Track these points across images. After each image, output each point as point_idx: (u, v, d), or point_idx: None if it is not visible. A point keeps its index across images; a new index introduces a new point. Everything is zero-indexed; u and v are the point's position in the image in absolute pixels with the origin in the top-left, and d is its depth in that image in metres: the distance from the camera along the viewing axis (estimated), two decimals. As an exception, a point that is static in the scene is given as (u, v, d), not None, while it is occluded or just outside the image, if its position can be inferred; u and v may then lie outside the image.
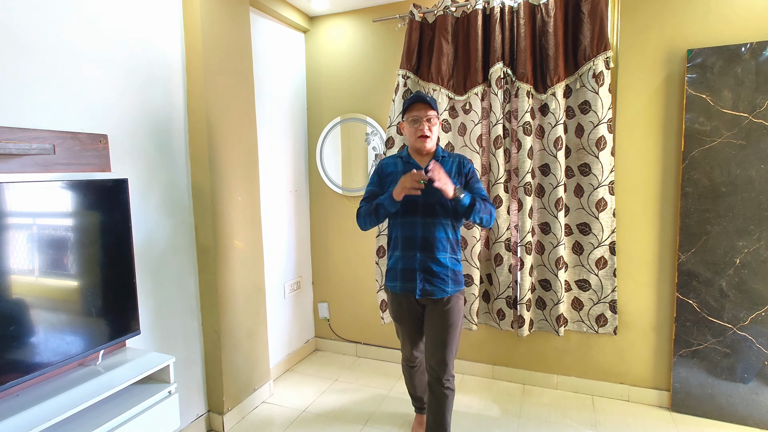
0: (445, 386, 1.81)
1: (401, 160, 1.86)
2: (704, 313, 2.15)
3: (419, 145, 1.78)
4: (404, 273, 1.80)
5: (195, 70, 2.06)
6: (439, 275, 1.77)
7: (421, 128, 1.75)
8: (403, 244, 1.79)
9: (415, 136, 1.77)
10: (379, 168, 1.89)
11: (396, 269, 1.82)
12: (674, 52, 2.17)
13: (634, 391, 2.38)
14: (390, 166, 1.86)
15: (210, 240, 2.12)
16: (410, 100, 1.77)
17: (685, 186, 2.15)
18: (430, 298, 1.79)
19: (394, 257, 1.84)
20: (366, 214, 1.79)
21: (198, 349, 2.17)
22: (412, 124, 1.77)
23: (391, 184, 1.81)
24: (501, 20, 2.33)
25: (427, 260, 1.76)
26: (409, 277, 1.79)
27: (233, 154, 2.24)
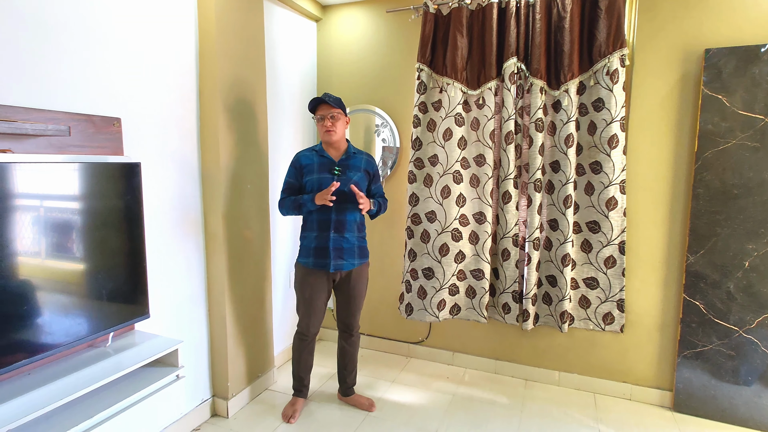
0: (355, 335, 2.28)
1: (316, 153, 2.11)
2: (710, 314, 2.15)
3: (327, 138, 2.08)
4: (317, 251, 2.07)
5: (208, 56, 2.05)
6: (351, 250, 2.10)
7: (326, 124, 2.05)
8: (318, 225, 2.07)
9: (322, 131, 2.07)
10: (295, 161, 2.12)
11: (310, 247, 2.09)
12: (691, 51, 2.15)
13: (636, 390, 2.38)
14: (306, 159, 2.10)
15: (218, 227, 2.12)
16: (314, 102, 2.05)
17: (697, 187, 2.14)
18: (341, 270, 2.10)
19: (309, 237, 2.10)
20: (290, 207, 2.08)
21: (204, 335, 2.18)
22: (319, 121, 2.07)
23: (308, 174, 2.07)
24: (516, 14, 2.31)
25: (336, 238, 2.06)
26: (322, 254, 2.06)
27: (243, 141, 2.24)
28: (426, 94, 2.47)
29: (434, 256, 2.51)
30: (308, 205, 2.01)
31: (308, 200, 2.01)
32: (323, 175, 2.06)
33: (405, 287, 2.64)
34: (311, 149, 2.14)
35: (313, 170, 2.07)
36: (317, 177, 2.06)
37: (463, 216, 2.47)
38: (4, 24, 1.35)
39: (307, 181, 2.07)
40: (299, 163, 2.11)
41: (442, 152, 2.46)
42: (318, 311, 2.16)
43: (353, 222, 2.10)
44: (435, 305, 2.55)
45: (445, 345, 2.81)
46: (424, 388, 2.50)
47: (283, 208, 2.11)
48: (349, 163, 2.11)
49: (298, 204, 2.04)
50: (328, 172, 2.07)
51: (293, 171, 2.12)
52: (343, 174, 2.06)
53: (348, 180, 2.06)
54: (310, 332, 2.19)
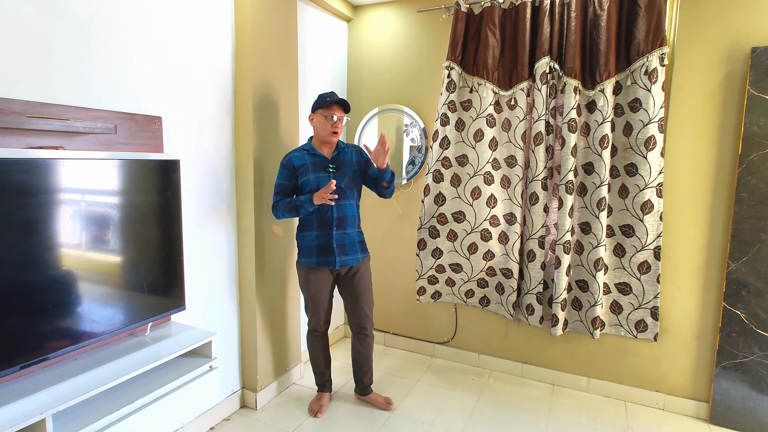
0: (369, 335, 2.26)
1: (307, 152, 2.09)
2: (752, 324, 2.06)
3: (329, 139, 2.06)
4: (320, 249, 2.07)
5: (243, 56, 2.11)
6: (352, 245, 2.11)
7: (336, 125, 2.04)
8: (318, 223, 2.06)
9: (327, 131, 2.05)
10: (287, 162, 2.07)
11: (311, 246, 2.08)
12: (736, 49, 2.06)
13: (670, 399, 2.31)
14: (298, 159, 2.07)
15: (250, 223, 2.18)
16: (332, 100, 2.01)
17: (740, 191, 2.05)
18: (346, 266, 2.11)
19: (309, 236, 2.08)
20: (285, 209, 2.02)
21: (235, 328, 2.24)
22: (328, 119, 2.03)
23: (303, 174, 2.04)
24: (550, 12, 2.27)
25: (338, 235, 2.06)
26: (325, 251, 2.06)
27: (274, 140, 2.29)
28: (455, 92, 2.46)
29: (462, 254, 2.54)
30: (307, 206, 1.97)
31: (306, 201, 1.97)
32: (319, 174, 2.05)
33: (427, 281, 2.67)
34: (301, 149, 2.11)
35: (308, 170, 2.05)
36: (314, 177, 2.04)
37: (494, 217, 2.45)
38: (60, 30, 1.43)
39: (304, 182, 2.04)
40: (291, 164, 2.07)
41: (473, 153, 2.44)
42: (326, 307, 2.19)
43: (353, 217, 2.11)
44: (463, 293, 2.59)
45: (471, 346, 2.79)
46: (449, 389, 2.50)
47: (277, 211, 2.05)
48: (341, 159, 2.11)
49: (295, 206, 2.00)
50: (324, 170, 2.06)
51: (286, 173, 2.07)
52: (338, 171, 2.07)
53: (343, 176, 2.07)
54: (321, 327, 2.22)
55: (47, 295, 1.31)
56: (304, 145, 2.13)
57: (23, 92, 1.34)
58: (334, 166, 2.08)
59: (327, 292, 2.16)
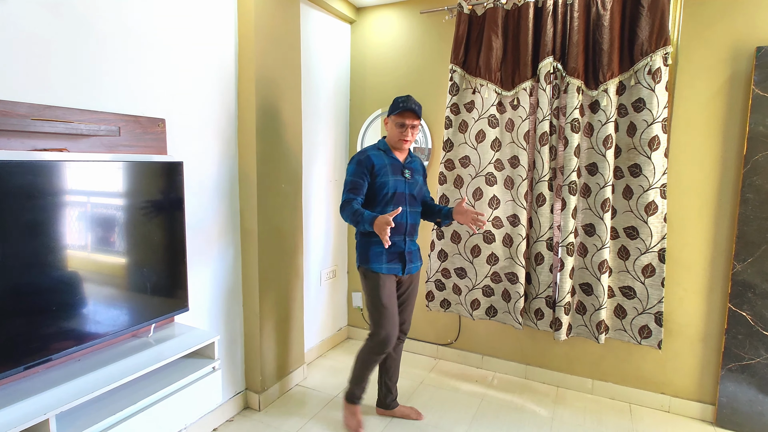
0: (403, 342, 2.23)
1: (384, 153, 2.02)
2: (759, 326, 2.04)
3: (400, 146, 2.02)
4: (391, 255, 2.01)
5: (246, 58, 2.12)
6: (416, 254, 2.09)
7: (406, 133, 1.98)
8: (391, 230, 1.94)
9: (397, 138, 1.99)
10: (365, 160, 1.96)
11: (382, 252, 2.00)
12: (741, 49, 2.05)
13: (675, 402, 2.29)
14: (377, 159, 1.99)
15: (253, 225, 2.18)
16: (403, 107, 1.94)
17: (746, 192, 2.03)
18: (410, 274, 2.08)
19: (380, 242, 1.97)
20: (350, 218, 1.90)
21: (239, 329, 2.25)
22: (398, 126, 1.97)
23: (382, 175, 1.96)
24: (553, 13, 2.27)
25: (408, 243, 2.03)
26: (394, 258, 2.01)
27: (279, 141, 2.29)
28: (458, 95, 2.46)
29: (466, 257, 2.52)
30: (366, 226, 1.83)
31: (368, 221, 1.81)
32: (397, 178, 1.98)
33: (435, 285, 2.65)
34: (376, 148, 2.02)
35: (387, 172, 1.97)
36: (392, 180, 1.97)
37: (496, 218, 2.44)
38: (64, 33, 1.44)
39: (381, 183, 1.95)
40: (370, 162, 1.96)
41: (474, 154, 2.44)
42: (396, 316, 2.03)
43: (418, 226, 2.08)
44: (469, 303, 2.56)
45: (475, 348, 2.78)
46: (453, 391, 2.49)
47: (344, 212, 1.93)
48: (412, 166, 2.07)
49: (356, 219, 1.87)
50: (401, 175, 2.00)
51: (362, 170, 1.95)
52: (411, 178, 2.04)
53: (416, 183, 2.05)
54: (394, 338, 2.02)
55: (51, 296, 1.32)
56: (378, 145, 2.05)
57: (28, 95, 1.35)
58: (408, 172, 2.03)
59: (395, 302, 2.04)
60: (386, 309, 1.98)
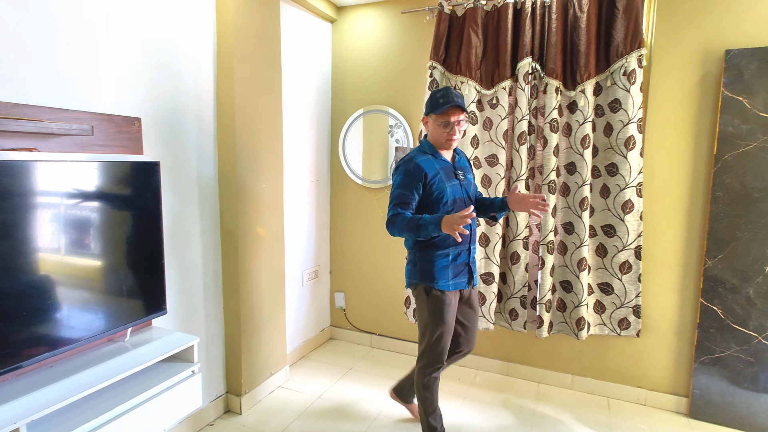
0: None
1: (432, 157, 1.77)
2: (729, 320, 2.11)
3: (447, 146, 1.78)
4: (456, 268, 1.77)
5: (225, 57, 2.08)
6: (475, 263, 1.87)
7: (452, 132, 1.74)
8: (455, 240, 1.73)
9: (444, 139, 1.75)
10: (414, 169, 1.70)
11: (447, 267, 1.75)
12: (711, 51, 2.11)
13: (651, 395, 2.35)
14: (428, 166, 1.73)
15: (234, 225, 2.15)
16: (447, 104, 1.69)
17: (716, 190, 2.10)
18: (475, 285, 1.89)
19: (447, 255, 1.75)
20: (404, 228, 1.65)
21: (219, 332, 2.21)
22: (444, 126, 1.73)
23: (437, 183, 1.71)
24: (532, 14, 2.30)
25: (473, 251, 1.83)
26: (461, 271, 1.79)
27: (259, 141, 2.27)
28: (439, 93, 2.46)
29: None
30: (430, 230, 1.60)
31: (433, 224, 1.59)
32: (452, 183, 1.75)
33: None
34: (422, 152, 1.78)
35: (442, 178, 1.73)
36: (449, 187, 1.73)
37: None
38: (34, 28, 1.39)
39: (439, 193, 1.72)
40: (422, 172, 1.69)
41: (455, 152, 2.45)
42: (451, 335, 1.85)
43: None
44: None
45: (457, 346, 2.80)
46: (436, 389, 2.50)
47: (394, 228, 1.69)
48: (461, 164, 1.85)
49: (416, 226, 1.62)
50: (455, 178, 1.77)
51: (411, 182, 1.69)
52: (464, 178, 1.81)
53: (470, 183, 1.84)
54: (444, 362, 1.85)
55: (22, 301, 1.28)
56: (422, 147, 1.80)
57: (-5, 93, 1.30)
58: (461, 173, 1.81)
59: (453, 320, 1.82)
60: (448, 329, 1.78)
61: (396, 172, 1.76)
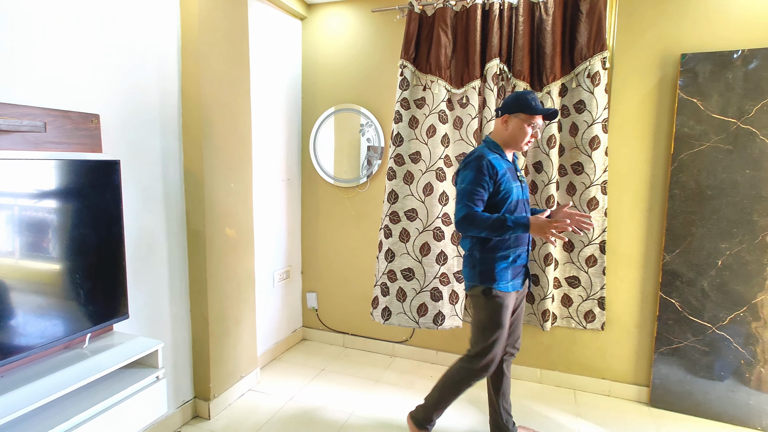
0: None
1: (499, 155, 1.77)
2: (686, 312, 2.22)
3: (521, 148, 1.80)
4: (516, 269, 1.80)
5: (191, 53, 2.02)
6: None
7: (535, 135, 1.78)
8: (516, 241, 1.76)
9: (525, 139, 1.77)
10: (487, 166, 1.69)
11: (507, 268, 1.77)
12: (668, 55, 2.21)
13: (615, 386, 2.44)
14: (498, 164, 1.73)
15: (201, 226, 2.10)
16: (539, 107, 1.73)
17: (673, 188, 2.19)
18: (527, 287, 1.92)
19: (509, 256, 1.76)
20: (486, 226, 1.63)
21: (186, 335, 2.15)
22: (531, 128, 1.75)
23: (505, 183, 1.72)
24: (500, 16, 2.34)
25: (530, 253, 1.86)
26: (520, 271, 1.82)
27: (227, 139, 2.21)
28: (409, 90, 2.47)
29: (414, 256, 2.49)
30: (518, 231, 1.61)
31: (521, 227, 1.60)
32: (516, 184, 1.77)
33: (380, 290, 2.56)
34: (488, 149, 1.77)
35: (509, 178, 1.74)
36: (515, 187, 1.74)
37: (446, 215, 2.47)
38: (-23, 16, 1.31)
39: (506, 192, 1.71)
40: (494, 169, 1.69)
41: (425, 149, 2.46)
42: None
43: None
44: (415, 309, 2.49)
45: (429, 344, 2.83)
46: (408, 388, 2.51)
47: (472, 225, 1.65)
48: (517, 166, 1.88)
49: (503, 225, 1.61)
50: (517, 180, 1.79)
51: (484, 178, 1.67)
52: (524, 181, 1.85)
53: (527, 186, 1.85)
54: (497, 364, 1.86)
55: (-33, 308, 1.20)
56: (489, 146, 1.79)
57: (-65, 86, 1.22)
58: (522, 174, 1.85)
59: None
60: (503, 331, 1.79)
61: (466, 168, 1.73)
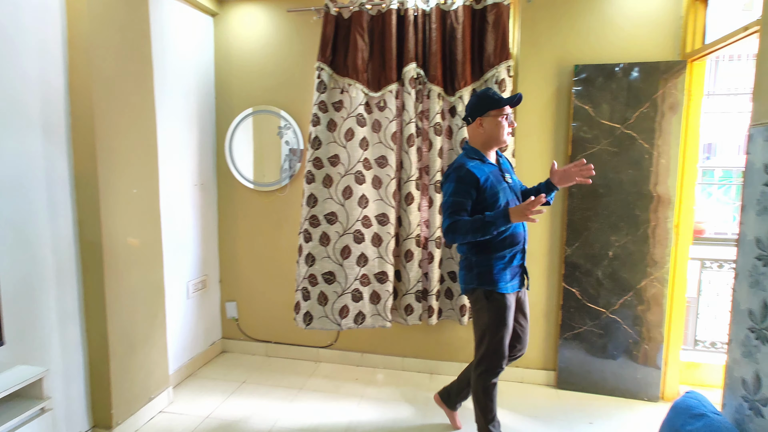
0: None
1: (480, 162, 1.78)
2: (584, 300, 2.44)
3: (503, 142, 1.80)
4: (513, 270, 1.82)
5: (79, 47, 1.83)
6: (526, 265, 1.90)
7: (510, 124, 1.81)
8: (511, 241, 1.78)
9: (500, 132, 1.77)
10: (466, 176, 1.71)
11: (506, 269, 1.79)
12: (564, 66, 2.41)
13: (527, 373, 2.61)
14: (480, 172, 1.74)
15: (97, 236, 1.90)
16: (506, 100, 1.75)
17: (572, 187, 2.40)
18: (525, 287, 1.90)
19: (504, 257, 1.78)
20: (470, 230, 1.67)
21: (80, 359, 1.94)
22: (504, 119, 1.77)
23: (490, 189, 1.73)
24: (414, 22, 2.40)
25: (526, 253, 1.87)
26: (517, 272, 1.84)
27: (127, 141, 2.03)
28: (326, 93, 2.45)
29: (335, 259, 2.47)
30: (499, 224, 1.63)
31: (500, 218, 1.62)
32: (502, 187, 1.77)
33: (302, 295, 2.52)
34: (469, 157, 1.78)
35: (493, 183, 1.74)
36: (501, 190, 1.75)
37: (365, 217, 2.48)
38: None
39: (494, 197, 1.73)
40: (474, 178, 1.70)
41: (344, 152, 2.45)
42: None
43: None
44: (337, 312, 2.48)
45: (354, 347, 2.82)
46: (333, 393, 2.49)
47: (456, 234, 1.69)
48: (505, 166, 1.87)
49: (483, 224, 1.65)
50: (504, 181, 1.80)
51: (465, 188, 1.70)
52: (511, 180, 1.83)
53: (516, 184, 1.85)
54: (503, 365, 1.84)
55: None
56: (469, 153, 1.80)
57: None
58: (508, 175, 1.84)
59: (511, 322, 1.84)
60: (508, 332, 1.81)
61: (447, 180, 1.77)
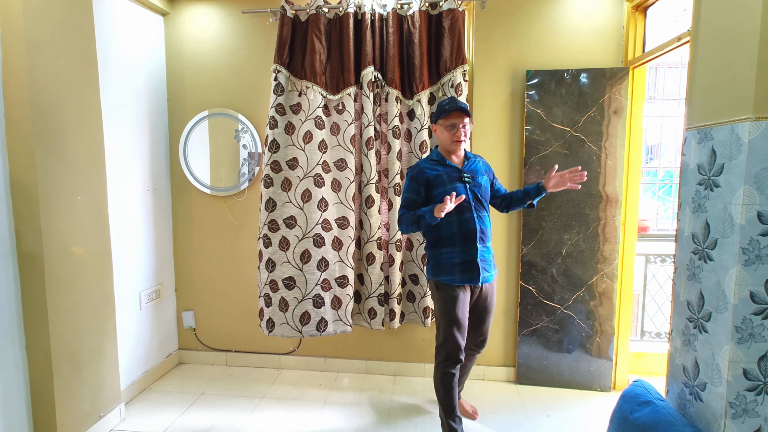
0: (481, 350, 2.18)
1: (437, 163, 1.96)
2: (540, 297, 2.52)
3: (454, 148, 1.96)
4: (463, 265, 1.91)
5: (13, 45, 1.72)
6: (491, 261, 1.99)
7: (458, 133, 1.92)
8: (461, 238, 1.91)
9: (450, 141, 1.94)
10: (418, 175, 1.94)
11: (454, 263, 1.92)
12: (517, 71, 2.49)
13: (488, 370, 2.67)
14: (430, 171, 1.94)
15: (37, 247, 1.79)
16: (450, 108, 1.91)
17: (526, 188, 2.48)
18: (485, 283, 1.98)
19: (451, 252, 1.92)
20: (410, 223, 1.90)
21: (20, 379, 1.81)
22: (449, 129, 1.93)
23: (438, 186, 1.91)
24: (371, 26, 2.41)
25: (483, 250, 1.94)
26: (469, 268, 1.92)
27: (71, 145, 1.93)
28: (284, 96, 2.42)
29: (295, 264, 2.44)
30: (427, 218, 1.82)
31: (427, 212, 1.83)
32: (455, 185, 1.91)
33: (264, 301, 2.48)
34: (429, 160, 1.98)
35: (443, 181, 1.91)
36: (450, 188, 1.90)
37: (325, 221, 2.46)
38: None
39: (439, 194, 1.90)
40: (423, 176, 1.93)
41: (303, 155, 2.43)
42: (465, 331, 1.95)
43: (490, 230, 2.00)
44: (298, 318, 2.44)
45: (317, 352, 2.79)
46: (297, 400, 2.45)
47: (402, 225, 1.95)
48: (473, 168, 2.00)
49: (417, 218, 1.87)
50: (459, 181, 1.93)
51: (415, 186, 1.94)
52: (473, 181, 1.96)
53: (479, 186, 1.97)
54: (461, 356, 1.95)
55: None
56: (431, 156, 2.00)
57: None
58: (468, 176, 1.95)
59: (465, 314, 1.94)
60: (459, 322, 1.92)
61: (405, 178, 2.01)
